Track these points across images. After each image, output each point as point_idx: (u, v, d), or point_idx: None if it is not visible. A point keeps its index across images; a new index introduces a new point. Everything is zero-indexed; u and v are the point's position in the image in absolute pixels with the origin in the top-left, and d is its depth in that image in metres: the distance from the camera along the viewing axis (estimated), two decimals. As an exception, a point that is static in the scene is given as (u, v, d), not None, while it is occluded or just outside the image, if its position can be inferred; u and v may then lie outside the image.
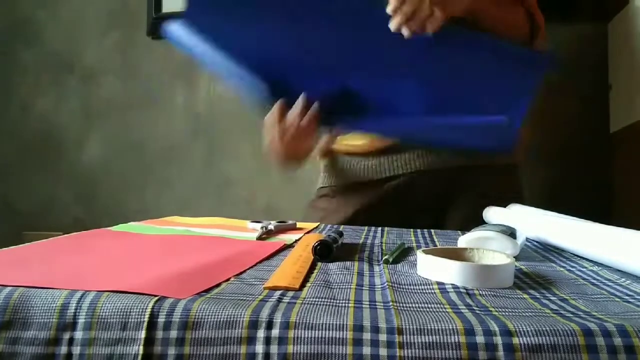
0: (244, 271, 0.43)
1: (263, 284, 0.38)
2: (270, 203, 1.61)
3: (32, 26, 1.85)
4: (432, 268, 0.42)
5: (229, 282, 0.39)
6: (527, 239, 0.64)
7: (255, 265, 0.46)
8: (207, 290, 0.36)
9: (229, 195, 1.66)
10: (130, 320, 0.31)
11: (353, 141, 0.94)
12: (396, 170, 0.89)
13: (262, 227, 0.65)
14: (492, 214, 0.77)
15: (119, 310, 0.32)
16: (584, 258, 0.53)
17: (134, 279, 0.38)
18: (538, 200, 0.87)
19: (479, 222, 0.84)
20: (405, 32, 0.71)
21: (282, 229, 0.69)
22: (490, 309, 0.34)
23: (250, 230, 0.69)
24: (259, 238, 0.61)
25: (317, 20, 0.76)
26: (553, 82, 1.42)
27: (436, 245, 0.61)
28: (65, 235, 0.59)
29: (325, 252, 0.49)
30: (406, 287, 0.39)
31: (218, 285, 0.38)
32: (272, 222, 0.70)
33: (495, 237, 0.52)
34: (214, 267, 0.44)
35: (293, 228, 0.71)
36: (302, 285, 0.39)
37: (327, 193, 0.98)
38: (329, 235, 0.52)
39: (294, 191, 1.53)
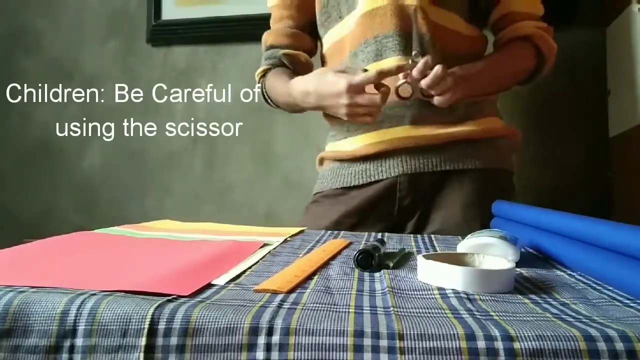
0: (243, 273, 0.43)
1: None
2: (270, 208, 1.60)
3: (32, 34, 1.86)
4: (432, 273, 0.42)
5: (228, 287, 0.39)
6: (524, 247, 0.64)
7: (248, 267, 0.46)
8: (205, 289, 0.36)
9: (229, 201, 1.66)
10: (130, 327, 0.31)
11: (342, 147, 0.96)
12: (381, 174, 0.90)
13: None
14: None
15: (119, 317, 0.31)
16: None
17: (135, 279, 0.39)
18: (538, 203, 0.86)
19: (458, 224, 0.84)
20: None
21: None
22: (491, 313, 0.34)
23: (231, 233, 0.69)
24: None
25: None
26: (552, 88, 1.42)
27: (436, 251, 0.61)
28: (51, 238, 0.58)
29: (367, 261, 0.48)
30: (407, 292, 0.39)
31: (218, 291, 0.38)
32: None
33: (496, 243, 0.52)
34: (206, 265, 0.46)
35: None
36: (293, 290, 0.39)
37: (316, 199, 1.00)
38: (372, 245, 0.50)
39: (295, 197, 1.52)
